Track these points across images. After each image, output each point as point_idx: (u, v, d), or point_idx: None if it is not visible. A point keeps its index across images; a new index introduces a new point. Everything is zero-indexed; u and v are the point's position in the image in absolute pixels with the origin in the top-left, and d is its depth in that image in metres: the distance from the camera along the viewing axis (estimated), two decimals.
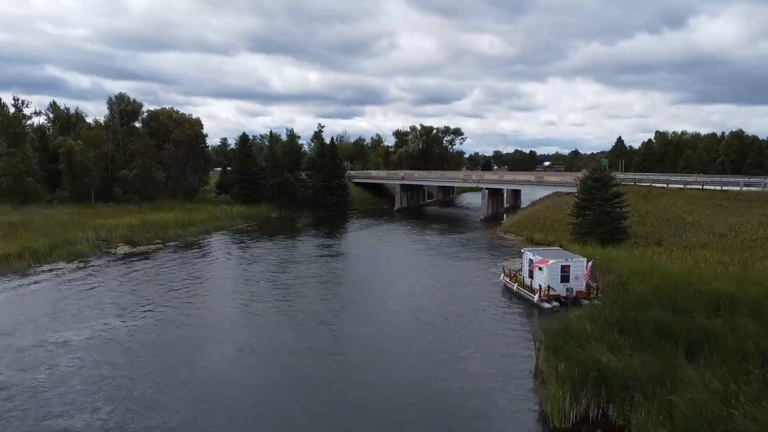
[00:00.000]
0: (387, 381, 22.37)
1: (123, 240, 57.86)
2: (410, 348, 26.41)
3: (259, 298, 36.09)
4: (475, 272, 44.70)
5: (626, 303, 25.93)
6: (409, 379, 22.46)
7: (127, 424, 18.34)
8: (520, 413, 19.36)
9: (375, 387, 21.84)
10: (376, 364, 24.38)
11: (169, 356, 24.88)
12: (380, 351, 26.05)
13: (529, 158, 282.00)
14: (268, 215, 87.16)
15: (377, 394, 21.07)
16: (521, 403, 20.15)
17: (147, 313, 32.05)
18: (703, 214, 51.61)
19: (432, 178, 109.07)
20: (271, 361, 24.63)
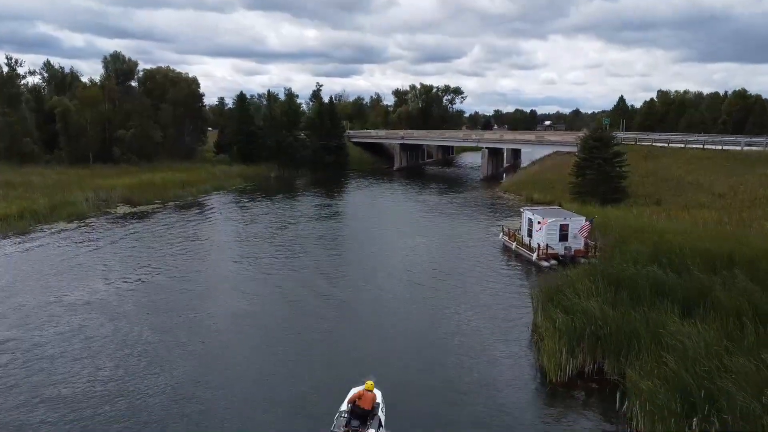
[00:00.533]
0: (387, 335, 22.73)
1: (122, 200, 57.89)
2: (409, 305, 26.74)
3: (259, 256, 36.35)
4: (474, 231, 44.91)
5: (624, 261, 26.10)
6: (409, 335, 22.83)
7: (131, 382, 18.68)
8: (517, 367, 19.76)
9: (375, 340, 22.20)
10: (376, 319, 24.75)
11: (171, 314, 25.21)
12: (380, 307, 26.42)
13: (530, 118, 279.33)
14: (267, 175, 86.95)
15: (378, 347, 21.43)
16: (518, 357, 20.55)
17: (148, 272, 32.32)
18: (703, 174, 51.54)
19: (431, 138, 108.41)
20: (272, 318, 24.97)
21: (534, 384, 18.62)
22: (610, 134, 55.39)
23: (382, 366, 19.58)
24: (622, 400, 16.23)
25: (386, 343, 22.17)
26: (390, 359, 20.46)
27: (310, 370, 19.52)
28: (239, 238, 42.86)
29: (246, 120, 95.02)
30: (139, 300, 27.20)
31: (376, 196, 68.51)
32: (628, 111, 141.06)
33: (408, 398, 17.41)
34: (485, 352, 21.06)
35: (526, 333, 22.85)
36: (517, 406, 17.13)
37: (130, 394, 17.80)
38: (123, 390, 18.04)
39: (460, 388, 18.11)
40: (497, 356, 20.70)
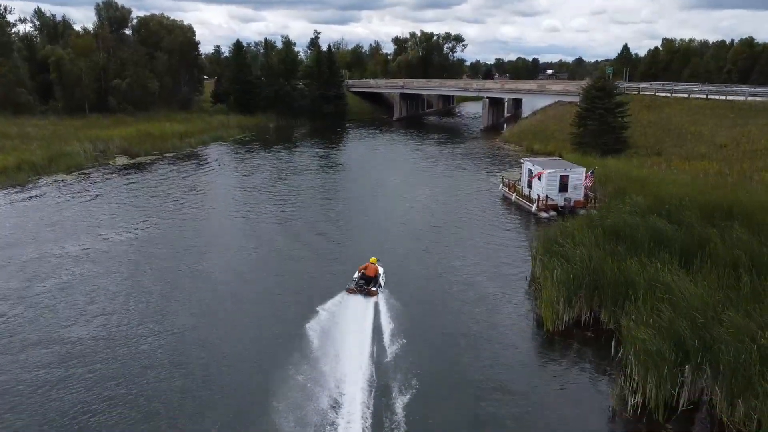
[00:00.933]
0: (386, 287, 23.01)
1: (121, 151, 57.56)
2: (410, 255, 26.93)
3: (258, 207, 36.46)
4: (474, 183, 44.86)
5: (623, 212, 26.16)
6: (409, 283, 23.07)
7: (133, 330, 19.01)
8: (515, 317, 20.09)
9: None
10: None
11: (171, 265, 25.43)
12: (380, 256, 26.60)
13: (532, 66, 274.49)
14: (266, 125, 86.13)
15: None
16: (517, 307, 20.87)
17: (148, 223, 32.44)
18: (706, 125, 51.04)
19: (432, 87, 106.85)
20: (270, 268, 25.20)
21: (531, 333, 19.00)
22: (613, 84, 54.53)
23: (383, 311, 19.90)
24: (617, 349, 16.55)
25: (385, 294, 22.42)
26: (389, 307, 20.72)
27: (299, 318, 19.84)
28: (238, 189, 42.83)
29: (243, 69, 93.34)
30: (140, 250, 27.43)
31: (376, 146, 68.09)
32: (631, 60, 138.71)
33: (407, 349, 17.74)
34: (484, 302, 21.36)
35: (525, 283, 23.14)
36: (514, 354, 17.51)
37: (132, 339, 18.16)
38: (127, 335, 18.41)
39: (457, 340, 18.42)
40: (495, 306, 21.02)
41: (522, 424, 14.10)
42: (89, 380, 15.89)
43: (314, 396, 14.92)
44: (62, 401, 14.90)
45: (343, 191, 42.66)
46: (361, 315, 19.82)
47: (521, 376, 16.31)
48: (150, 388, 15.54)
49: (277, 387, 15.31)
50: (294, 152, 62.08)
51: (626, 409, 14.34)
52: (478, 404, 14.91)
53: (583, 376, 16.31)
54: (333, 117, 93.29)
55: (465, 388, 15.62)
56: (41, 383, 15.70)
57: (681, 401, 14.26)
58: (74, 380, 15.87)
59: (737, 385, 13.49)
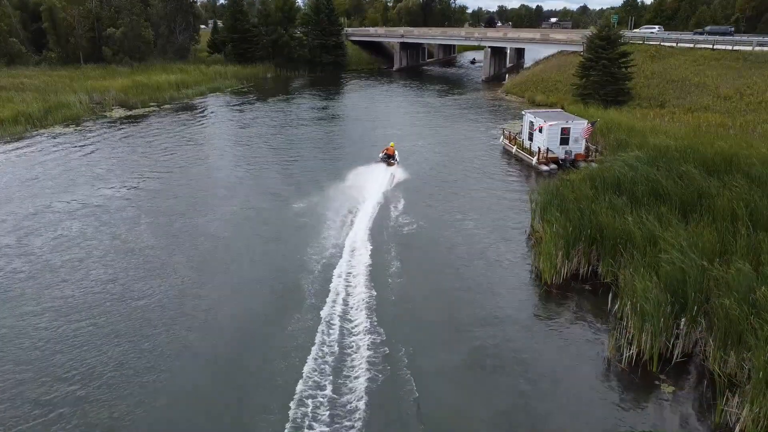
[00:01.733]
0: (383, 239, 23.14)
1: (117, 103, 56.84)
2: (407, 206, 26.97)
3: (257, 161, 36.30)
4: (474, 134, 44.53)
5: (624, 165, 26.06)
6: (405, 235, 23.21)
7: (134, 285, 19.23)
8: (513, 269, 20.33)
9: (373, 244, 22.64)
10: (375, 220, 25.04)
11: (172, 219, 25.52)
12: (378, 207, 26.69)
13: (535, 14, 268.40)
14: (264, 76, 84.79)
15: (376, 256, 21.90)
16: (515, 260, 21.08)
17: (148, 176, 32.38)
18: (710, 76, 50.25)
19: (432, 36, 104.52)
20: (268, 225, 25.31)
21: (529, 285, 19.23)
22: (618, 33, 53.38)
23: (383, 270, 20.12)
24: (613, 302, 16.81)
25: (384, 248, 22.57)
26: (388, 265, 20.92)
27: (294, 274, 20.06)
28: (236, 143, 42.56)
29: (239, 16, 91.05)
30: (139, 204, 27.44)
31: (375, 97, 67.18)
32: (637, 7, 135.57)
33: (407, 304, 18.01)
34: (482, 255, 21.55)
35: (524, 236, 23.28)
36: (512, 306, 17.77)
37: (131, 294, 18.42)
38: (125, 291, 18.64)
39: (455, 293, 18.65)
40: (494, 258, 21.23)
41: (517, 375, 14.44)
42: (97, 331, 16.21)
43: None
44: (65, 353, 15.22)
45: (340, 145, 42.31)
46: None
47: (517, 328, 16.61)
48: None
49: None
50: (292, 104, 61.32)
51: (621, 360, 14.67)
52: (474, 355, 15.25)
53: (579, 329, 16.59)
54: (332, 67, 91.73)
55: (460, 339, 15.94)
56: (38, 337, 16.00)
57: (675, 353, 14.58)
58: (78, 332, 16.19)
59: (730, 337, 13.77)
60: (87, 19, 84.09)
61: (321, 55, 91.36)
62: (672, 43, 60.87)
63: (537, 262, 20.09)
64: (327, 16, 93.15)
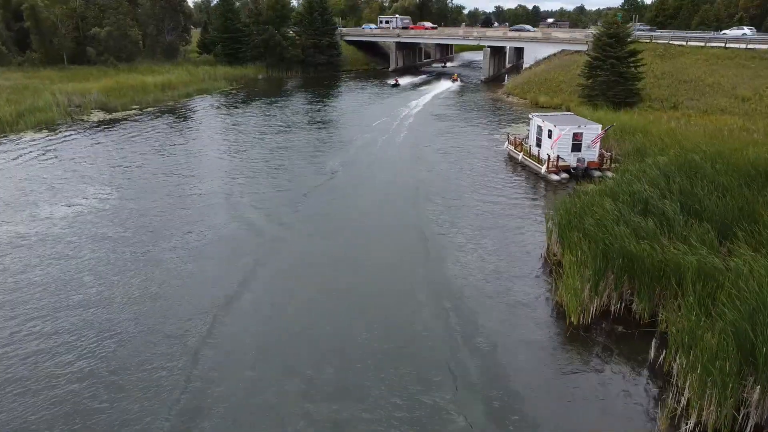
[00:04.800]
0: (383, 256, 20.18)
1: (97, 106, 53.73)
2: (410, 221, 24.00)
3: (242, 175, 33.21)
4: (476, 139, 41.49)
5: (646, 176, 23.08)
6: (408, 256, 20.24)
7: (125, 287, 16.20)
8: (531, 305, 17.16)
9: (371, 270, 19.65)
10: (374, 240, 22.07)
11: (117, 250, 22.43)
12: (378, 225, 23.68)
13: (532, 14, 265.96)
14: (255, 77, 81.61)
15: (374, 280, 18.93)
16: (531, 292, 17.92)
17: (106, 192, 29.21)
18: (725, 75, 47.44)
19: (429, 35, 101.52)
20: (262, 237, 22.30)
21: (550, 326, 16.08)
22: (627, 30, 50.48)
23: (382, 301, 17.15)
24: (658, 350, 13.84)
25: (383, 275, 19.59)
26: (388, 296, 17.94)
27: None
28: (221, 149, 39.41)
29: (230, 16, 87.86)
30: (84, 230, 23.98)
31: (371, 99, 63.95)
32: (638, 7, 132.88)
33: (410, 346, 15.02)
34: (492, 283, 18.51)
35: (539, 261, 20.23)
36: (530, 355, 14.72)
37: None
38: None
39: (462, 339, 15.57)
40: (505, 290, 18.12)
41: None
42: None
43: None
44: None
45: (335, 150, 39.13)
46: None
47: (539, 388, 13.51)
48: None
49: None
50: (282, 107, 58.06)
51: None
52: (488, 410, 12.25)
53: (617, 388, 13.38)
54: (326, 68, 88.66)
55: (468, 401, 12.91)
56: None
57: (749, 426, 11.53)
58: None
59: None
60: (71, 19, 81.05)
61: (314, 55, 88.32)
62: (681, 42, 58.03)
63: (558, 296, 17.01)
64: (320, 15, 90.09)
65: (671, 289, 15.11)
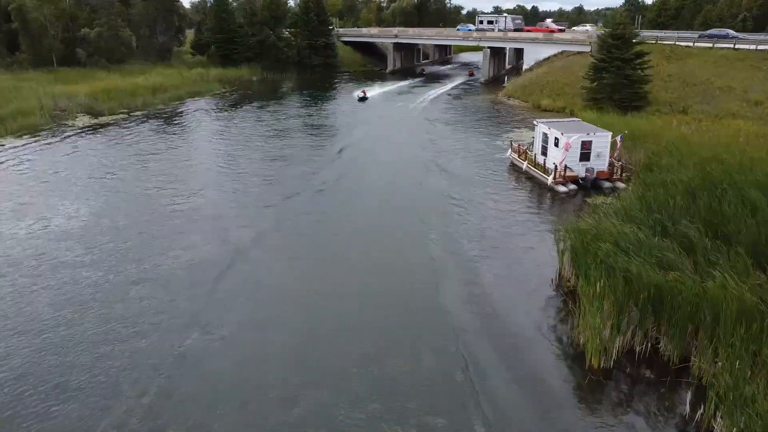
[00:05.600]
0: (379, 275, 18.30)
1: (84, 109, 51.77)
2: (408, 237, 22.12)
3: (228, 183, 31.31)
4: (476, 145, 39.56)
5: (665, 192, 21.18)
6: (404, 277, 18.36)
7: None
8: (540, 341, 15.28)
9: (362, 277, 17.78)
10: (369, 260, 20.18)
11: (128, 253, 20.54)
12: (373, 243, 21.80)
13: (531, 15, 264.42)
14: (249, 79, 79.56)
15: (367, 309, 17.05)
16: (541, 327, 15.96)
17: (99, 200, 27.38)
18: (736, 78, 45.56)
19: (428, 36, 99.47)
20: (257, 252, 20.39)
21: (567, 371, 14.11)
22: (633, 31, 48.65)
23: (375, 337, 15.27)
24: (695, 401, 11.97)
25: (376, 291, 17.72)
26: (385, 332, 16.05)
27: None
28: (209, 158, 37.50)
29: (224, 16, 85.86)
30: (72, 245, 22.23)
31: (368, 102, 61.96)
32: (638, 7, 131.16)
33: (409, 386, 13.14)
34: (499, 317, 16.57)
35: (549, 287, 18.31)
36: (547, 404, 12.84)
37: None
38: None
39: (467, 387, 13.63)
40: (515, 324, 16.19)
41: None
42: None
43: None
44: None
45: (329, 160, 37.24)
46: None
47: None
48: None
49: None
50: (276, 111, 56.01)
51: None
52: None
53: None
54: (322, 69, 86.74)
55: None
56: None
57: None
58: None
59: None
60: (60, 19, 79.07)
61: (310, 56, 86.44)
62: (688, 43, 56.18)
63: (575, 333, 15.10)
64: (316, 15, 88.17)
65: (706, 329, 13.23)
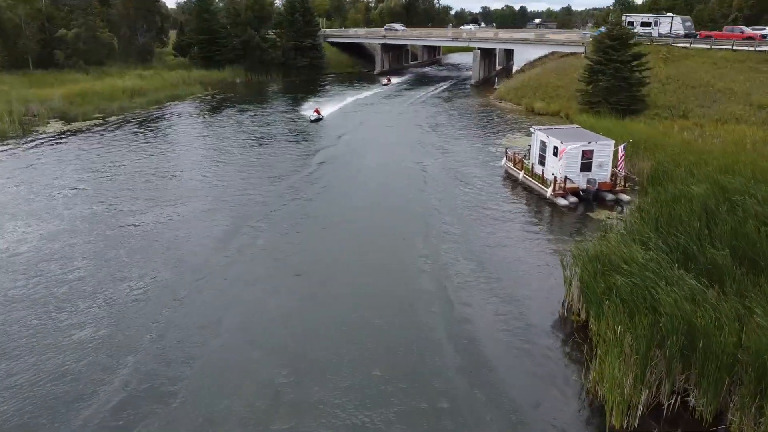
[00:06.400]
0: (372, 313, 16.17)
1: (56, 115, 49.27)
2: (393, 260, 20.02)
3: (197, 201, 29.05)
4: (468, 152, 37.52)
5: (681, 209, 19.16)
6: (394, 320, 16.25)
7: None
8: (551, 392, 13.18)
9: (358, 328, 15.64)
10: (352, 291, 18.06)
11: (77, 284, 18.26)
12: (352, 278, 19.69)
13: (519, 15, 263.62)
14: (232, 81, 77.12)
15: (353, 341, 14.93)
16: (550, 372, 13.89)
17: (53, 219, 25.00)
18: (737, 80, 43.87)
19: (417, 37, 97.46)
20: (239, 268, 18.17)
21: (585, 427, 12.14)
22: (630, 31, 46.86)
23: (369, 400, 13.14)
24: None
25: (371, 330, 15.60)
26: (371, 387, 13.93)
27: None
28: (182, 170, 35.15)
29: (206, 16, 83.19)
30: (14, 276, 19.99)
31: (355, 106, 59.72)
32: (628, 7, 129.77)
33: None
34: (500, 361, 14.45)
35: (558, 324, 16.21)
36: None
37: None
38: None
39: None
40: (519, 370, 14.06)
41: None
42: None
43: None
44: None
45: (313, 171, 35.08)
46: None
47: None
48: None
49: None
50: (258, 116, 53.70)
51: None
52: None
53: None
54: (308, 71, 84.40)
55: None
56: None
57: None
58: None
59: None
60: (36, 20, 76.23)
61: (296, 57, 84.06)
62: (685, 44, 54.52)
63: (591, 383, 12.99)
64: (302, 15, 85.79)
65: (747, 381, 11.21)
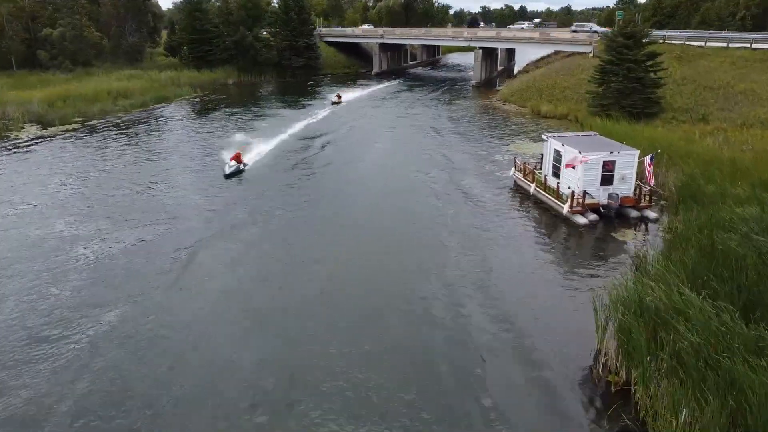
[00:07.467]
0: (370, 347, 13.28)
1: (33, 119, 46.35)
2: (384, 314, 17.13)
3: (172, 222, 26.12)
4: (472, 161, 34.57)
5: (725, 236, 16.27)
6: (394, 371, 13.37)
7: None
8: None
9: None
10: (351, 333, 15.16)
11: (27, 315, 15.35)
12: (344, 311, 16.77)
13: (519, 15, 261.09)
14: (225, 82, 74.12)
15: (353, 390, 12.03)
16: None
17: (17, 238, 22.09)
18: (758, 81, 41.02)
19: (415, 36, 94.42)
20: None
21: None
22: (644, 29, 44.00)
23: None
24: None
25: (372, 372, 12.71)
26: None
27: None
28: (157, 183, 32.24)
29: (198, 15, 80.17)
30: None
31: (351, 108, 56.75)
32: (633, 5, 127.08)
33: None
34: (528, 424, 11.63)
35: (590, 383, 13.26)
36: None
37: None
38: None
39: None
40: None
41: None
42: None
43: None
44: None
45: (304, 184, 32.21)
46: None
47: None
48: None
49: None
50: (248, 120, 50.74)
51: None
52: None
53: None
54: (304, 71, 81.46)
55: None
56: None
57: None
58: None
59: None
60: (19, 18, 73.31)
61: (290, 57, 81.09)
62: (699, 42, 51.64)
63: None
64: (297, 14, 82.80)
65: None
